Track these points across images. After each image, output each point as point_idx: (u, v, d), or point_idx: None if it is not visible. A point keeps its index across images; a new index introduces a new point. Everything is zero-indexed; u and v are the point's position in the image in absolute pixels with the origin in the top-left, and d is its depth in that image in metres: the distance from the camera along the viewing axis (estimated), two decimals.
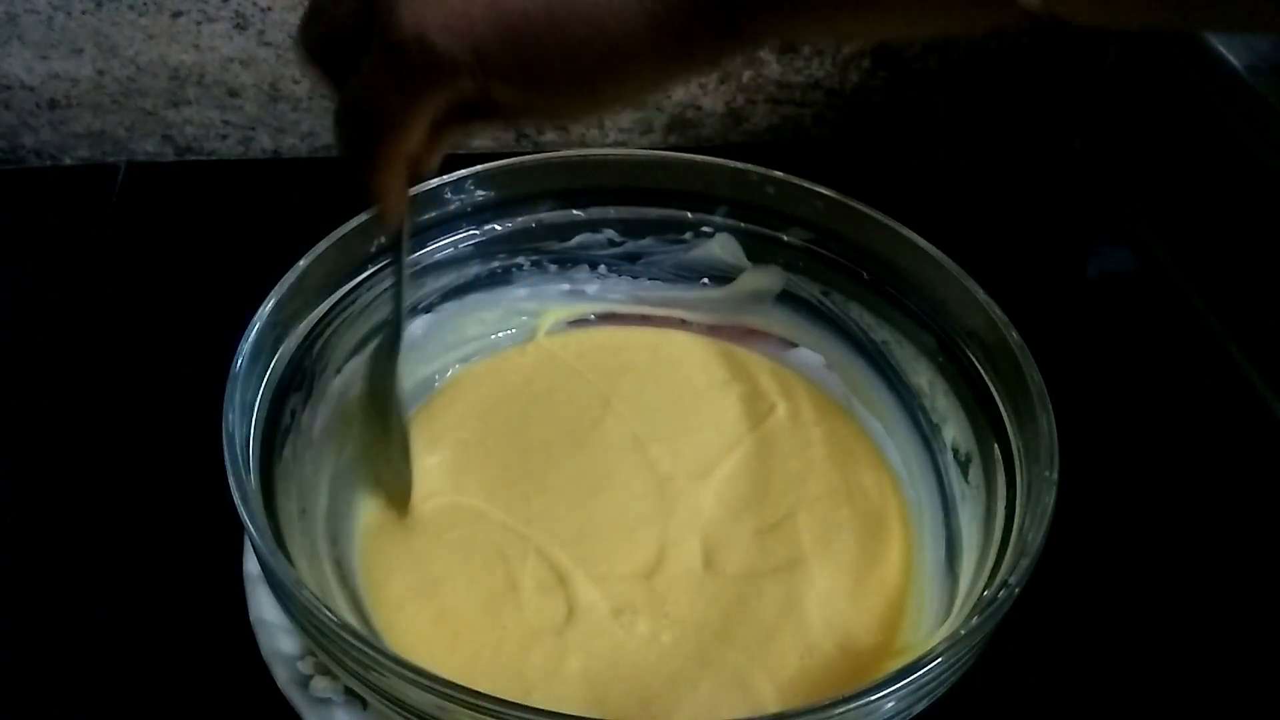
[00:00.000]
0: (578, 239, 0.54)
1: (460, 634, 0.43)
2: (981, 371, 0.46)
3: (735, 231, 0.53)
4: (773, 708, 0.40)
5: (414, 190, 0.49)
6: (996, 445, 0.44)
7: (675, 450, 0.50)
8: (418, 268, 0.51)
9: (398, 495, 0.46)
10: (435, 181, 0.49)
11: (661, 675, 0.42)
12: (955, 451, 0.48)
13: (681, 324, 0.56)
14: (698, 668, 0.42)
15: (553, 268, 0.55)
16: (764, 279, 0.54)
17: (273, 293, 0.43)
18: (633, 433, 0.50)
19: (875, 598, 0.44)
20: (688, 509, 0.47)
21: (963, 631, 0.34)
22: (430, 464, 0.49)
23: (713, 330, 0.55)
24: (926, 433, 0.50)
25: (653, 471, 0.49)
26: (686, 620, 0.43)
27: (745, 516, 0.47)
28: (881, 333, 0.51)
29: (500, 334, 0.54)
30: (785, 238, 0.52)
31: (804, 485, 0.49)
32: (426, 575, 0.44)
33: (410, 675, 0.33)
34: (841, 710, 0.33)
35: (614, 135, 0.72)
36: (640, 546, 0.46)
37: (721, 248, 0.54)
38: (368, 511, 0.47)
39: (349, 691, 0.39)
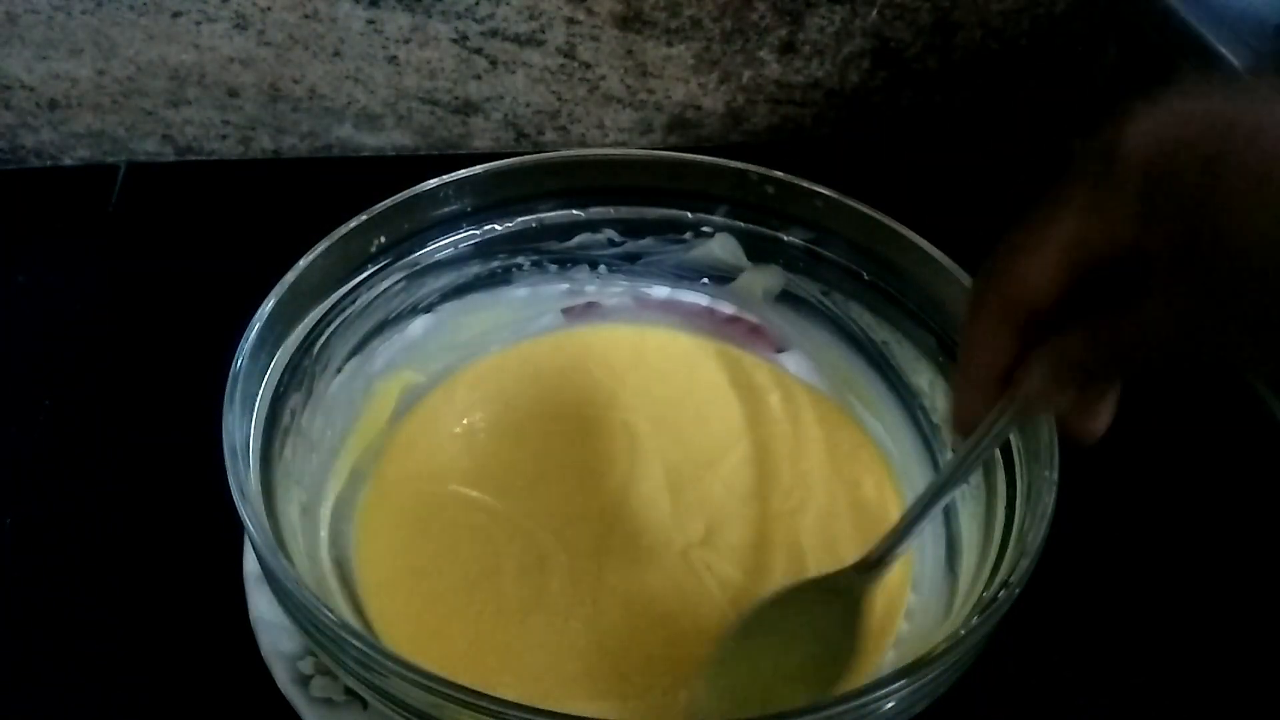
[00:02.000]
0: (578, 239, 0.54)
1: (447, 621, 0.43)
2: None
3: (735, 231, 0.53)
4: (768, 706, 0.40)
5: (413, 191, 0.49)
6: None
7: (674, 449, 0.50)
8: (417, 268, 0.51)
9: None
10: (435, 181, 0.49)
11: (655, 670, 0.42)
12: (955, 452, 0.48)
13: (682, 324, 0.56)
14: (691, 665, 0.42)
15: (553, 268, 0.55)
16: (764, 279, 0.54)
17: (273, 293, 0.43)
18: (632, 430, 0.50)
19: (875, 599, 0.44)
20: (685, 507, 0.47)
21: (963, 631, 0.34)
22: (430, 461, 0.49)
23: (713, 330, 0.56)
24: (926, 433, 0.50)
25: (652, 470, 0.49)
26: (680, 615, 0.43)
27: (742, 515, 0.47)
28: (881, 333, 0.51)
29: (500, 334, 0.54)
30: (785, 238, 0.52)
31: (802, 486, 0.49)
32: (419, 566, 0.45)
33: (410, 675, 0.33)
34: (841, 710, 0.33)
35: (614, 135, 0.72)
36: (638, 540, 0.46)
37: (721, 248, 0.54)
38: (366, 509, 0.47)
39: (349, 691, 0.39)
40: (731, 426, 0.51)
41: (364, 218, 0.47)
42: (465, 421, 0.51)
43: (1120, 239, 0.29)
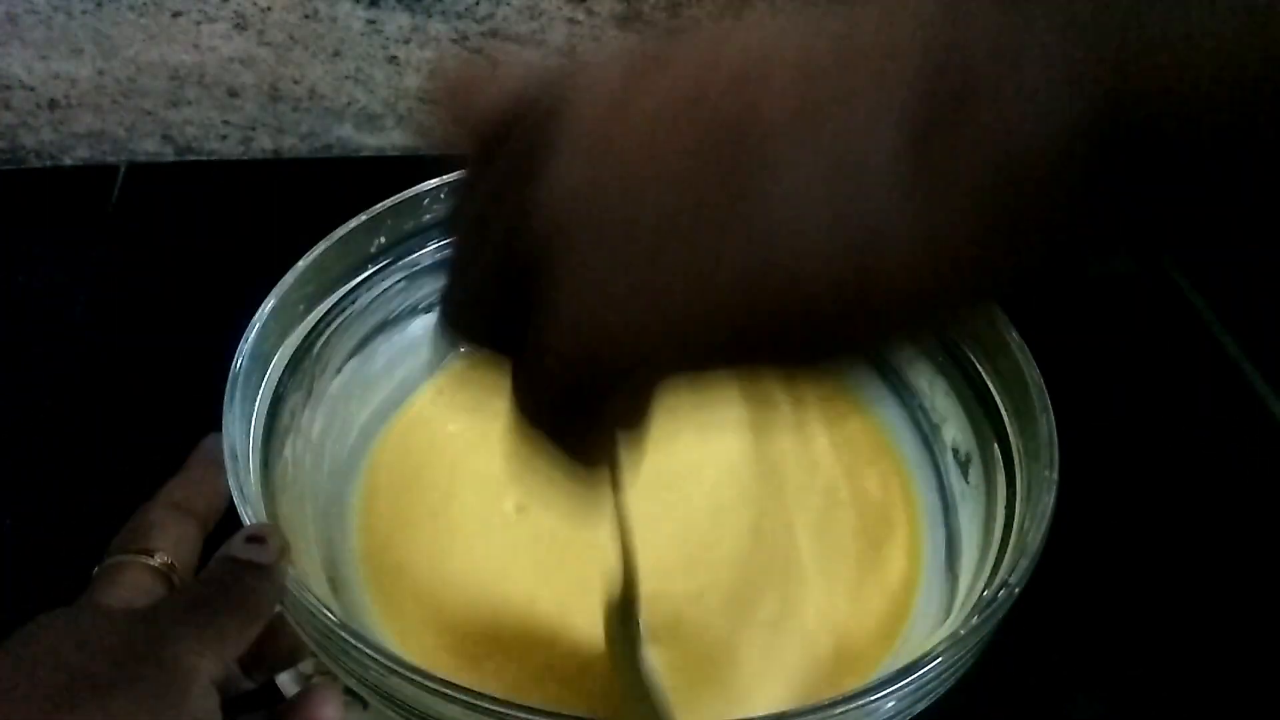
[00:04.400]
0: None
1: (448, 631, 0.43)
2: (981, 371, 0.46)
3: None
4: (769, 708, 0.40)
5: (412, 191, 0.49)
6: (996, 445, 0.44)
7: (676, 445, 0.50)
8: (417, 268, 0.51)
9: None
10: (434, 181, 0.49)
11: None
12: (955, 451, 0.48)
13: None
14: (691, 668, 0.42)
15: None
16: None
17: (273, 293, 0.43)
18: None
19: (876, 597, 0.44)
20: (685, 504, 0.47)
21: (963, 631, 0.34)
22: (429, 460, 0.49)
23: None
24: (926, 433, 0.50)
25: (652, 466, 0.49)
26: (680, 620, 0.43)
27: (743, 514, 0.47)
28: None
29: None
30: None
31: (806, 481, 0.49)
32: (417, 565, 0.45)
33: (410, 675, 0.33)
34: (841, 710, 0.33)
35: None
36: (638, 537, 0.46)
37: None
38: (364, 508, 0.47)
39: (349, 691, 0.39)
40: (733, 421, 0.51)
41: (364, 218, 0.47)
42: (461, 420, 0.51)
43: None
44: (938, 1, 0.19)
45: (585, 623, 0.43)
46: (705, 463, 0.49)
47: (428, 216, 0.50)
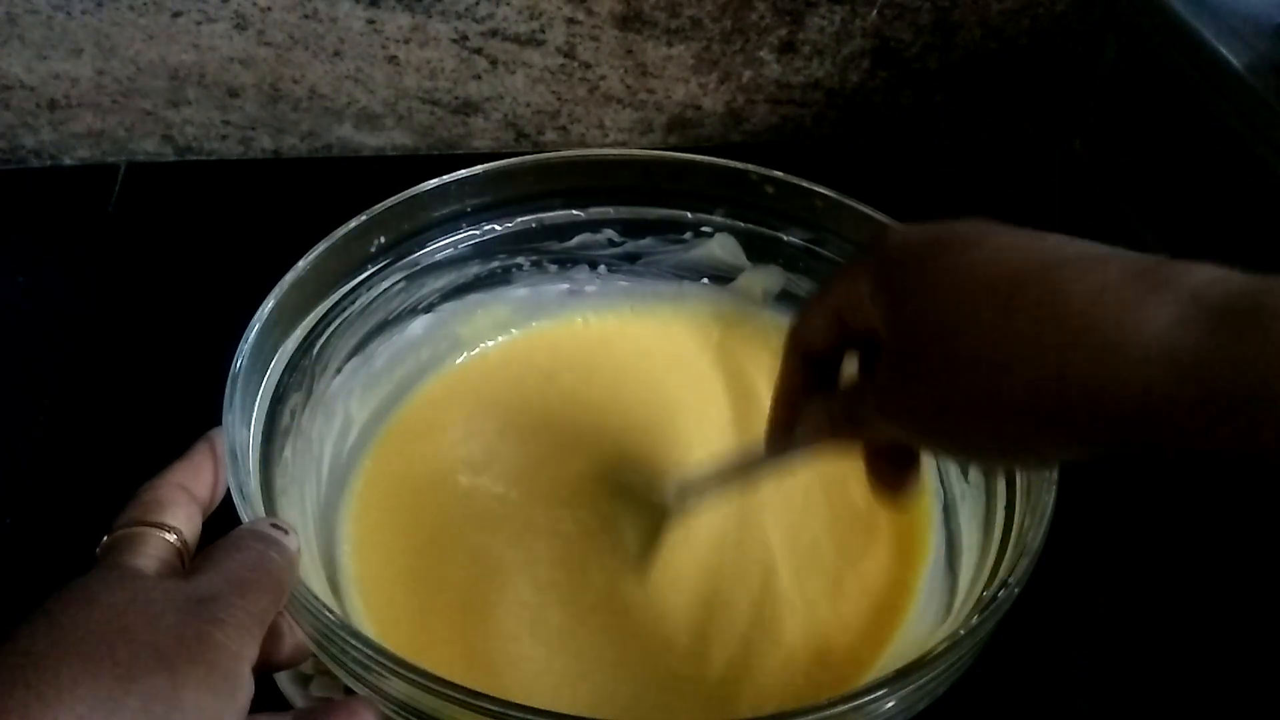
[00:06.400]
0: (578, 239, 0.54)
1: (445, 632, 0.43)
2: None
3: (735, 231, 0.54)
4: (749, 711, 0.40)
5: (413, 191, 0.49)
6: None
7: (670, 448, 0.50)
8: (417, 268, 0.51)
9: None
10: (435, 182, 0.49)
11: (642, 676, 0.42)
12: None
13: (681, 318, 0.56)
14: (678, 668, 0.42)
15: (553, 268, 0.55)
16: (764, 279, 0.54)
17: (272, 293, 0.43)
18: (628, 431, 0.50)
19: (871, 595, 0.44)
20: (678, 508, 0.47)
21: (963, 631, 0.34)
22: (427, 460, 0.49)
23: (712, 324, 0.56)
24: None
25: (646, 469, 0.49)
26: (667, 622, 0.43)
27: (734, 516, 0.47)
28: None
29: (500, 334, 0.54)
30: (785, 237, 0.52)
31: (802, 479, 0.49)
32: (415, 565, 0.45)
33: (410, 675, 0.33)
34: (841, 710, 0.33)
35: (614, 135, 0.72)
36: (629, 546, 0.46)
37: (721, 248, 0.54)
38: (362, 508, 0.47)
39: (349, 691, 0.39)
40: (727, 427, 0.51)
41: (364, 218, 0.47)
42: (460, 421, 0.51)
43: (863, 312, 0.33)
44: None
45: (585, 619, 0.43)
46: (700, 462, 0.49)
47: (428, 216, 0.50)
